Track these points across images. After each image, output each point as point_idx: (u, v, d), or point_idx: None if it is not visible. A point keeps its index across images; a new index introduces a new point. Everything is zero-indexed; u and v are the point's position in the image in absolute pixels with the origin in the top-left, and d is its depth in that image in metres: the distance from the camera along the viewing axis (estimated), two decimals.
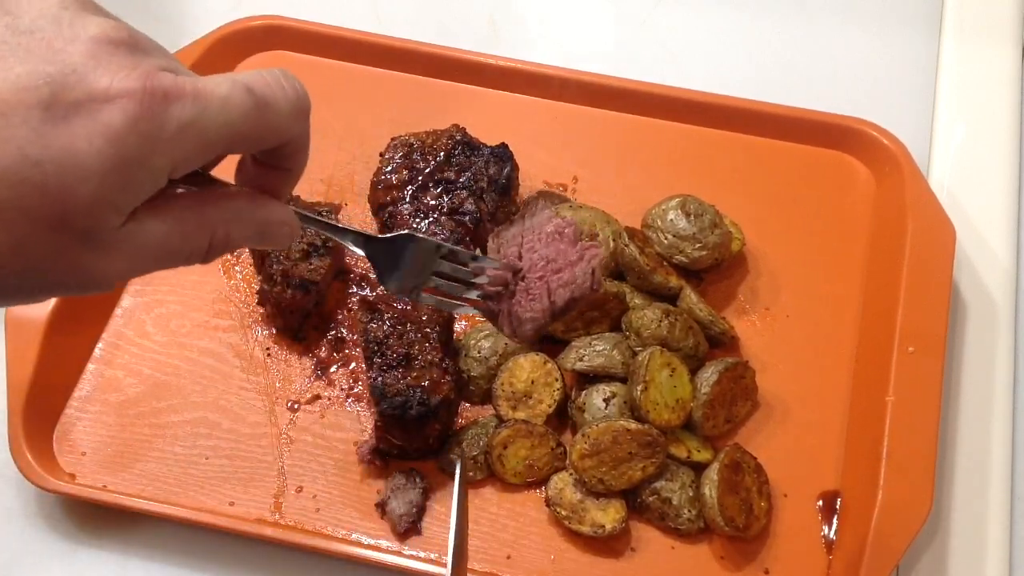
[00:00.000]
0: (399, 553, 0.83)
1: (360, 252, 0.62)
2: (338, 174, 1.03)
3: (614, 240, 0.92)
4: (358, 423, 0.89)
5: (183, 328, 0.94)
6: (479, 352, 0.90)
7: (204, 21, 1.13)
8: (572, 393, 0.88)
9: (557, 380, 0.87)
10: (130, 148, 0.43)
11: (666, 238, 0.92)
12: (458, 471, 0.76)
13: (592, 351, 0.87)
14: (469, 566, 0.82)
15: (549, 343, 0.91)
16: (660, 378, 0.84)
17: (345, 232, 0.62)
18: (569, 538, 0.84)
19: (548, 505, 0.84)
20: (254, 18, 1.10)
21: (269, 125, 0.49)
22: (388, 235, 0.65)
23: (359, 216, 1.01)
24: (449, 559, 0.70)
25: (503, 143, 0.97)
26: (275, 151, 0.52)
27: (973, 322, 0.95)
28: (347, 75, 1.09)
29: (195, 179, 0.51)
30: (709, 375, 0.86)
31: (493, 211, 0.94)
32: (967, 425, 0.90)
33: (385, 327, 0.85)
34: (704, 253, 0.91)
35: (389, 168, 0.95)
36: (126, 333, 0.94)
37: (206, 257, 0.51)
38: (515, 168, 0.97)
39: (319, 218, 0.59)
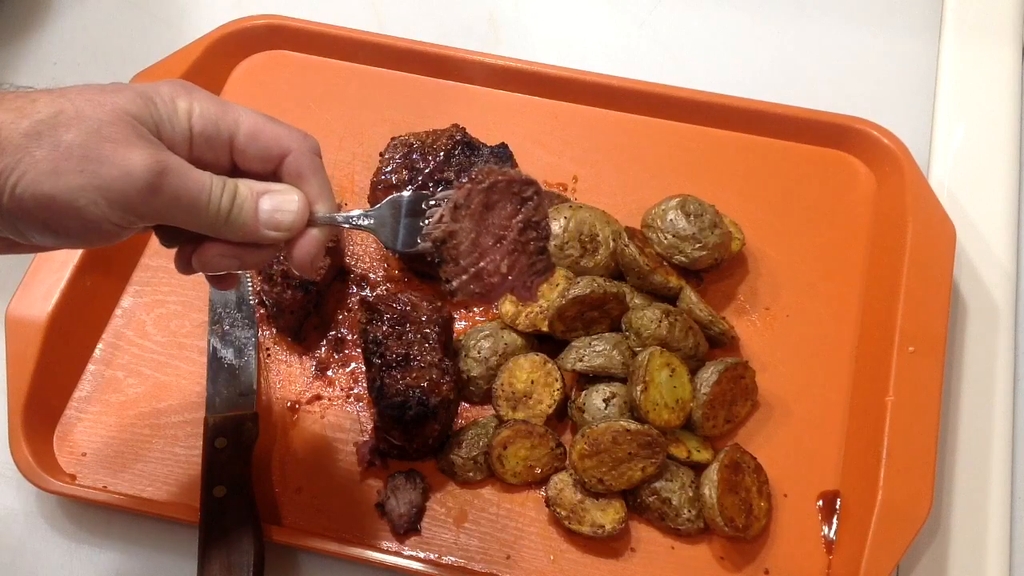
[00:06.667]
0: (399, 553, 0.83)
1: (365, 225, 0.70)
2: (338, 174, 1.03)
3: (614, 240, 0.92)
4: (358, 423, 0.89)
5: (183, 328, 0.94)
6: (479, 352, 0.90)
7: (204, 21, 1.13)
8: (572, 393, 0.88)
9: (557, 380, 0.87)
10: None
11: (666, 238, 0.92)
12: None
13: (592, 351, 0.87)
14: (469, 566, 0.82)
15: (549, 343, 0.91)
16: (660, 378, 0.84)
17: (347, 219, 0.70)
18: (569, 538, 0.84)
19: (548, 505, 0.84)
20: (254, 18, 1.10)
21: None
22: (379, 204, 0.70)
23: None
24: None
25: (503, 143, 0.97)
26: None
27: (973, 322, 0.95)
28: (347, 75, 1.09)
29: None
30: (709, 375, 0.86)
31: None
32: (967, 425, 0.90)
33: (384, 327, 0.85)
34: (704, 253, 0.91)
35: (389, 168, 0.95)
36: (126, 333, 0.94)
37: None
38: (515, 168, 0.96)
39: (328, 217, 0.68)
